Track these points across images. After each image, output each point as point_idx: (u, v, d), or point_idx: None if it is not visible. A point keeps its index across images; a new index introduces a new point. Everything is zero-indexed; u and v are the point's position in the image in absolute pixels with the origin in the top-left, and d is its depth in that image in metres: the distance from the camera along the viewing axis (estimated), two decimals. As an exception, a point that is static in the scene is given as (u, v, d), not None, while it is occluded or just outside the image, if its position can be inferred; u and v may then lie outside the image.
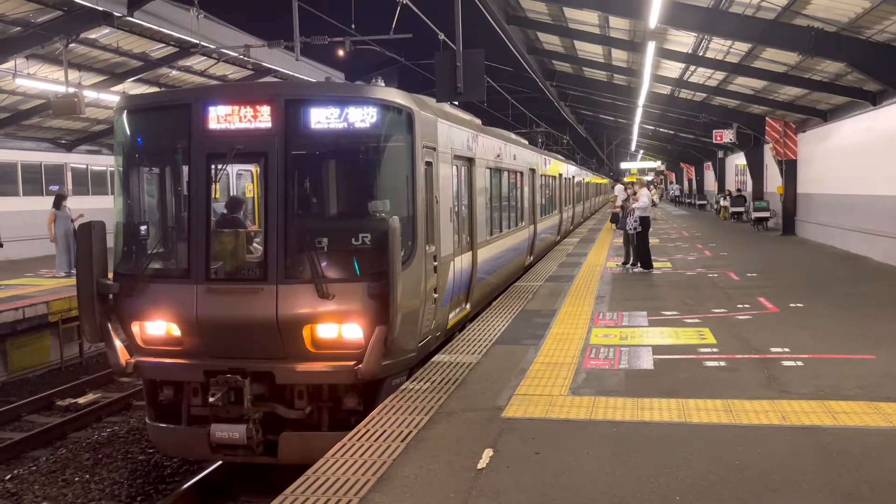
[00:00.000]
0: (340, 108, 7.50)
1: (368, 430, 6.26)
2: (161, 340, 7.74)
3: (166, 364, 7.68)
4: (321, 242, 7.63)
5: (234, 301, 7.41)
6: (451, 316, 9.76)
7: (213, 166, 7.69)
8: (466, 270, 10.53)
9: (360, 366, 7.19)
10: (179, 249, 7.95)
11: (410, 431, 6.21)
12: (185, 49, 20.56)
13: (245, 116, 7.56)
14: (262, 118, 7.53)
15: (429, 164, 8.43)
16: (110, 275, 7.90)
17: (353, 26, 17.30)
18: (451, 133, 9.74)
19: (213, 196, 7.85)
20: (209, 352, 7.53)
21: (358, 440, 6.05)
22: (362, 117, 7.52)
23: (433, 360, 8.68)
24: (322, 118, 7.53)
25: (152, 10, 17.72)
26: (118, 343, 7.74)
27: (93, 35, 18.44)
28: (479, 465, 5.49)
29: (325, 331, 7.41)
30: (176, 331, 7.62)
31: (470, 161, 11.07)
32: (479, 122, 13.34)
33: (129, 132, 8.20)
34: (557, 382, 7.62)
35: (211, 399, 7.22)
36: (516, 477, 5.32)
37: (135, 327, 7.80)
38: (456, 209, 10.03)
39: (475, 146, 11.43)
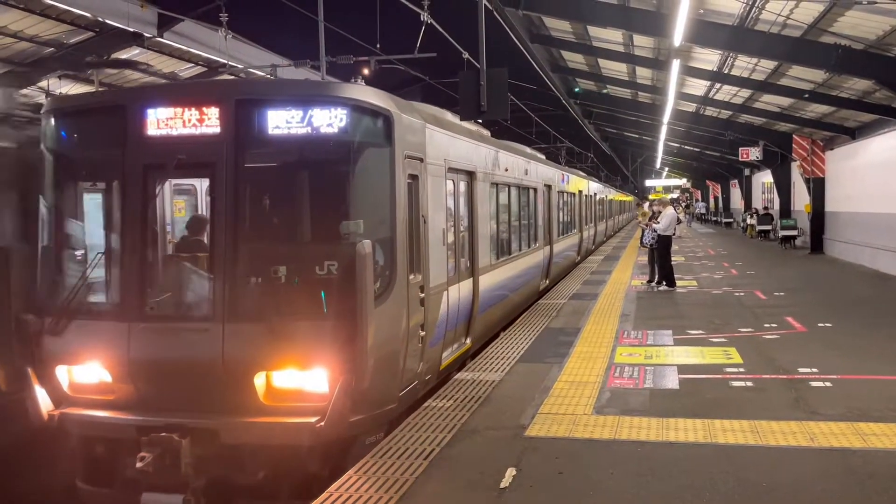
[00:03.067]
0: (303, 110, 6.41)
1: (391, 448, 6.26)
2: (90, 389, 6.64)
3: (95, 417, 6.50)
4: (278, 272, 6.59)
5: (172, 343, 6.35)
6: (444, 355, 8.51)
7: (151, 180, 6.65)
8: (466, 300, 9.31)
9: (321, 423, 6.06)
10: (111, 280, 6.82)
11: (433, 449, 6.20)
12: (214, 69, 20.89)
13: (189, 120, 6.49)
14: (209, 122, 6.47)
15: (413, 177, 7.34)
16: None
17: (377, 45, 17.48)
18: (444, 142, 8.59)
19: (163, 214, 7.07)
20: (143, 404, 6.42)
21: (380, 458, 6.04)
22: (329, 121, 6.39)
23: (456, 377, 8.66)
24: (281, 122, 6.42)
25: (181, 31, 18.06)
26: (40, 391, 6.59)
27: (123, 55, 18.81)
28: (502, 484, 5.47)
29: (282, 380, 6.30)
30: (106, 377, 6.54)
31: (470, 175, 9.91)
32: (486, 132, 12.50)
33: (55, 139, 7.06)
34: (581, 401, 7.57)
35: (139, 464, 5.99)
36: (539, 496, 5.28)
37: (60, 372, 6.69)
38: (452, 230, 8.92)
39: (477, 158, 10.28)
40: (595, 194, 29.72)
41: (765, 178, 36.16)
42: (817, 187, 25.39)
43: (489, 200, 10.99)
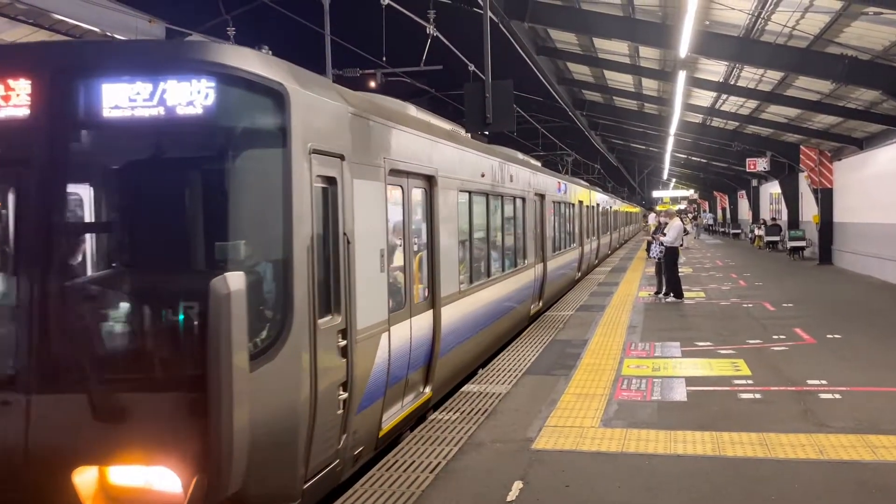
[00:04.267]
0: (152, 83, 4.58)
1: (397, 461, 6.23)
2: None
3: None
4: (112, 319, 4.79)
5: None
6: (386, 417, 6.67)
7: None
8: (422, 340, 7.56)
9: None
10: None
11: (439, 462, 6.16)
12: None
13: None
14: (16, 101, 4.67)
15: (328, 180, 5.48)
16: None
17: (384, 58, 17.58)
18: (384, 136, 6.71)
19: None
20: None
21: (386, 471, 6.02)
22: (190, 97, 4.59)
23: (462, 389, 8.63)
24: (121, 99, 4.60)
25: (189, 45, 18.17)
26: None
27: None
28: (509, 498, 5.43)
29: (117, 477, 4.57)
30: None
31: (428, 180, 8.03)
32: (463, 132, 10.90)
33: None
34: (589, 414, 7.53)
35: None
36: (546, 510, 5.24)
37: None
38: (400, 251, 7.25)
39: (439, 159, 8.33)
40: (598, 205, 28.56)
41: (772, 188, 36.08)
42: (825, 198, 25.32)
43: (457, 212, 9.10)
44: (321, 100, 5.46)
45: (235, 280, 4.21)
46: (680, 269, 17.41)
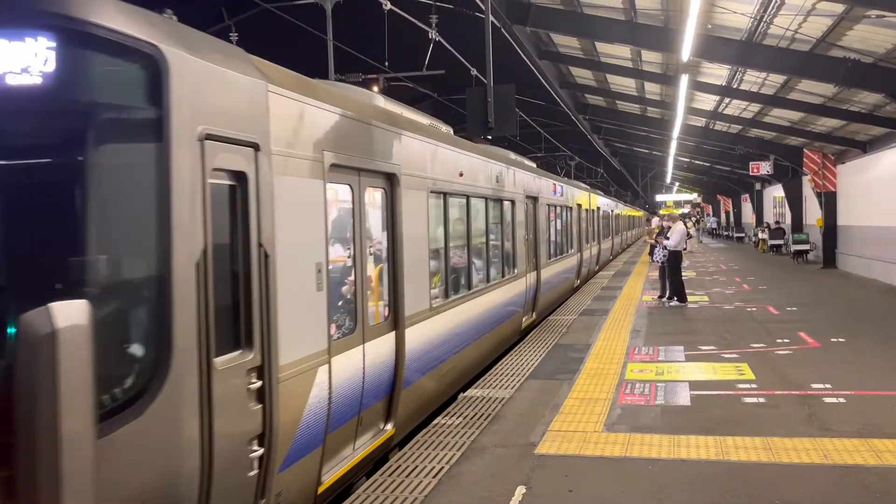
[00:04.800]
0: None
1: (400, 466, 6.23)
2: None
3: None
4: None
5: None
6: (328, 468, 5.60)
7: None
8: (381, 368, 6.49)
9: None
10: None
11: (442, 467, 6.15)
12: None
13: None
14: None
15: (235, 175, 4.33)
16: None
17: (386, 63, 17.61)
18: (320, 122, 5.51)
19: None
20: None
21: (389, 476, 6.01)
22: (24, 62, 3.52)
23: (464, 394, 8.62)
24: None
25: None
26: None
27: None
28: (512, 503, 5.42)
29: None
30: None
31: (389, 179, 6.89)
32: (445, 128, 10.02)
33: None
34: (592, 418, 7.51)
35: None
36: (549, 515, 5.23)
37: None
38: (351, 263, 6.17)
39: (402, 155, 7.15)
40: (598, 208, 27.77)
41: (776, 192, 36.05)
42: (829, 201, 25.28)
43: (428, 217, 7.96)
44: (222, 71, 4.21)
45: (70, 312, 3.03)
46: (683, 273, 17.39)
